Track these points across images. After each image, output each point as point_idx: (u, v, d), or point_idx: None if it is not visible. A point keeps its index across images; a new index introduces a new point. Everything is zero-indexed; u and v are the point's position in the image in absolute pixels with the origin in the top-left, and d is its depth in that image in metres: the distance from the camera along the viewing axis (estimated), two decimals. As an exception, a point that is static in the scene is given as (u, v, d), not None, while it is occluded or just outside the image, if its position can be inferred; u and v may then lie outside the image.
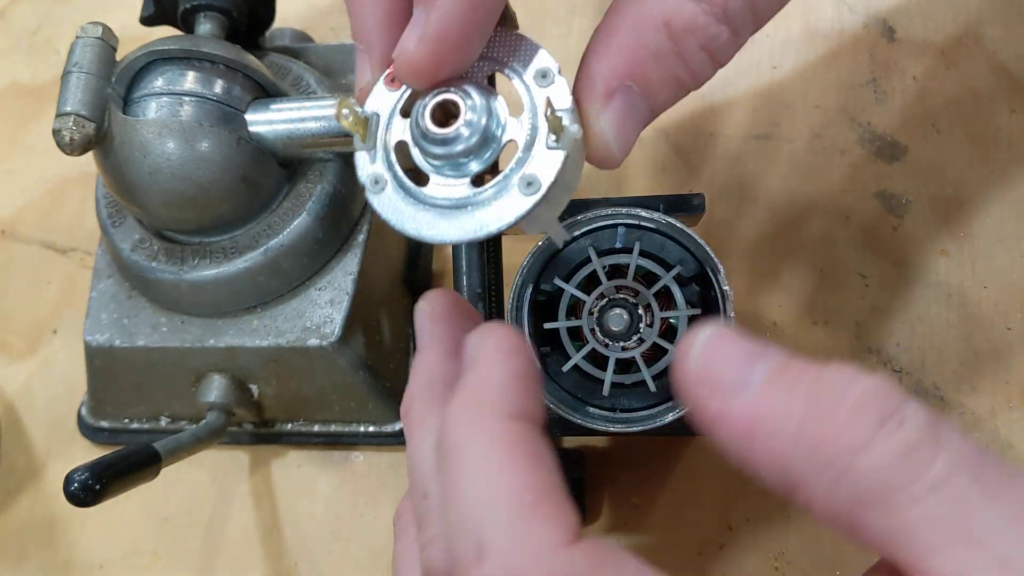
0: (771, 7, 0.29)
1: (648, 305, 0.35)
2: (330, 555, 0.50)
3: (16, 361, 0.58)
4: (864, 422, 0.24)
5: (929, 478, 0.24)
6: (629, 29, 0.28)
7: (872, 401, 0.25)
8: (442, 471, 0.26)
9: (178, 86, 0.45)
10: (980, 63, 0.51)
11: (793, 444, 0.25)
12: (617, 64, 0.28)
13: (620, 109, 0.28)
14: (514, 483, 0.25)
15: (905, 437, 0.24)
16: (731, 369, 0.26)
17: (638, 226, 0.36)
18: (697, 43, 0.28)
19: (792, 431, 0.25)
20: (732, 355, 0.27)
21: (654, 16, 0.28)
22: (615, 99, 0.28)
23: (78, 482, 0.37)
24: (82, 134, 0.42)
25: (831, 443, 0.24)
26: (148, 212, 0.47)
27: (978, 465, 0.24)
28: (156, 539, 0.52)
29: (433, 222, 0.28)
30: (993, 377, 0.46)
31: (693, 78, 0.29)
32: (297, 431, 0.52)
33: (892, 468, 0.24)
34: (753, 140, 0.53)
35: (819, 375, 0.26)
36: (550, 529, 0.24)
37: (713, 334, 0.27)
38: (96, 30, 0.44)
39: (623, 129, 0.29)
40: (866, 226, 0.50)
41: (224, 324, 0.48)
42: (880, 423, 0.24)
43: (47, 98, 0.65)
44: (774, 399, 0.25)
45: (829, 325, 0.48)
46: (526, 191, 0.27)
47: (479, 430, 0.26)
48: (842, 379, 0.25)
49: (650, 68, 0.28)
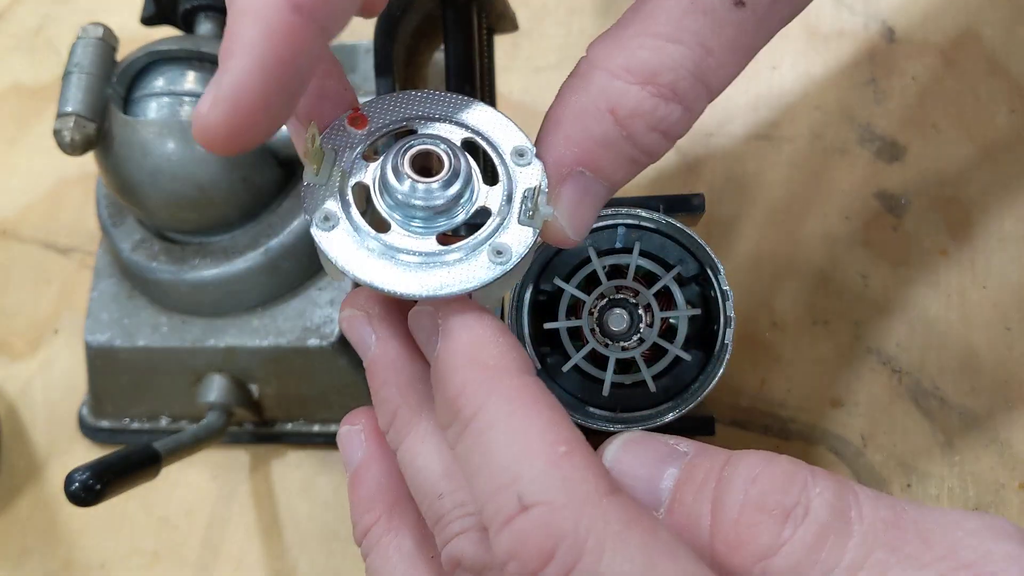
0: (727, 77, 0.28)
1: (648, 305, 0.35)
2: (330, 555, 0.50)
3: (17, 361, 0.58)
4: (768, 524, 0.25)
5: (845, 564, 0.24)
6: (574, 119, 0.28)
7: (773, 495, 0.25)
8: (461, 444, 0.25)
9: (178, 86, 0.45)
10: (980, 63, 0.51)
11: (709, 560, 0.25)
12: (565, 155, 0.28)
13: (573, 195, 0.28)
14: (546, 436, 0.24)
15: (812, 527, 0.24)
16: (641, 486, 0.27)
17: (638, 226, 0.36)
18: (646, 125, 0.27)
19: (704, 543, 0.25)
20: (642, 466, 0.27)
21: (598, 105, 0.27)
22: (567, 185, 0.28)
23: (79, 482, 0.37)
24: (82, 134, 0.42)
25: (742, 553, 0.25)
26: (148, 212, 0.47)
27: (894, 533, 0.24)
28: (156, 539, 0.52)
29: (390, 273, 0.27)
30: (993, 377, 0.46)
31: (648, 156, 0.28)
32: (297, 431, 0.52)
33: (805, 564, 0.24)
34: (753, 140, 0.53)
35: (721, 477, 0.26)
36: (589, 478, 0.24)
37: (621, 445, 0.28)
38: (96, 30, 0.44)
39: (576, 214, 0.28)
40: (866, 226, 0.50)
41: (224, 324, 0.48)
42: (784, 519, 0.24)
43: (48, 98, 0.65)
44: (683, 515, 0.26)
45: (829, 325, 0.48)
46: (495, 259, 0.27)
47: (494, 391, 0.25)
48: (743, 475, 0.26)
49: (599, 155, 0.28)
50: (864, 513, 0.24)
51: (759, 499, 0.25)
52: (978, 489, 0.44)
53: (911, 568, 0.23)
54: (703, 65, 0.27)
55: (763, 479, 0.25)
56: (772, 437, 0.47)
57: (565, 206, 0.28)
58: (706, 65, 0.27)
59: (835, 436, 0.47)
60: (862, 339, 0.48)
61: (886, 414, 0.46)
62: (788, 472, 0.25)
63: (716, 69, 0.27)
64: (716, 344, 0.35)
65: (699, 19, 0.27)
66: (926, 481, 0.45)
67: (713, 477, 0.26)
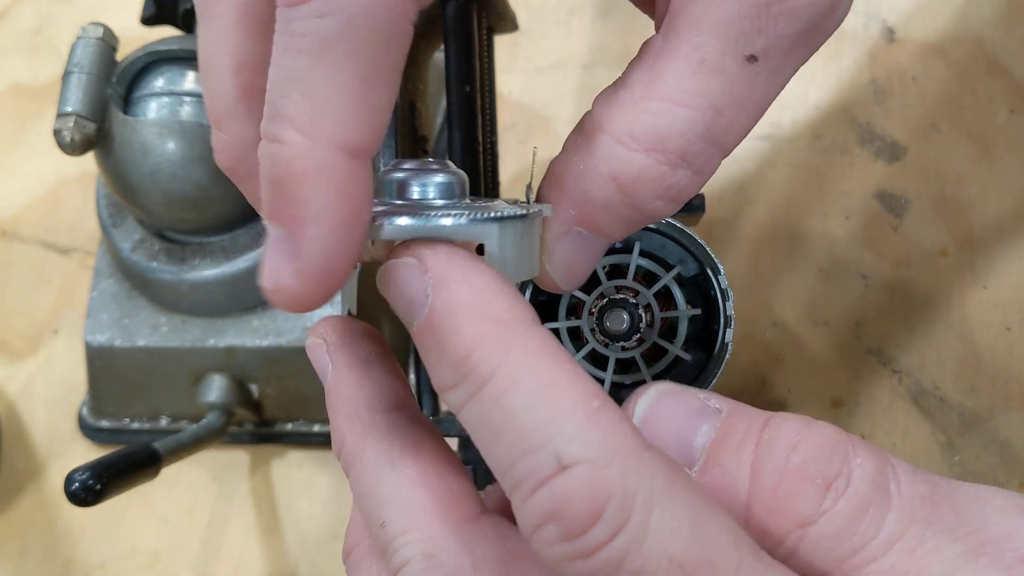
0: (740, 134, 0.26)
1: (648, 305, 0.35)
2: (330, 555, 0.50)
3: (17, 361, 0.58)
4: (809, 492, 0.24)
5: (883, 536, 0.24)
6: (576, 182, 0.27)
7: (815, 464, 0.25)
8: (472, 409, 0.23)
9: (178, 86, 0.45)
10: (980, 63, 0.51)
11: (744, 522, 0.25)
12: (564, 216, 0.27)
13: (567, 251, 0.27)
14: (577, 390, 0.23)
15: (852, 499, 0.24)
16: (673, 441, 0.26)
17: (638, 226, 0.36)
18: (652, 194, 0.26)
19: (740, 506, 0.25)
20: (674, 420, 0.26)
21: (600, 171, 0.26)
22: (563, 242, 0.27)
23: (79, 482, 0.37)
24: (82, 134, 0.42)
25: (780, 518, 0.24)
26: (148, 212, 0.47)
27: (930, 507, 0.24)
28: (156, 539, 0.52)
29: None
30: (993, 377, 0.46)
31: (651, 219, 0.27)
32: (297, 431, 0.52)
33: (844, 534, 0.24)
34: (753, 140, 0.53)
35: (760, 437, 0.25)
36: (627, 433, 0.22)
37: (653, 397, 0.27)
38: (96, 30, 0.44)
39: (571, 268, 0.28)
40: (866, 226, 0.50)
41: (224, 324, 0.48)
42: (825, 488, 0.24)
43: (48, 98, 0.65)
44: (718, 475, 0.25)
45: (829, 325, 0.48)
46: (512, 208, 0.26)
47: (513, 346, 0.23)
48: (784, 440, 0.25)
49: (599, 218, 0.27)
50: (903, 487, 0.24)
51: (801, 466, 0.25)
52: (978, 489, 0.44)
53: (944, 541, 0.23)
54: (714, 127, 0.26)
55: (804, 446, 0.25)
56: (772, 437, 0.47)
57: (560, 261, 0.28)
58: (717, 127, 0.26)
59: (835, 436, 0.47)
60: (862, 339, 0.48)
61: (886, 414, 0.46)
62: (830, 440, 0.25)
63: (727, 128, 0.26)
64: (716, 344, 0.35)
65: (709, 79, 0.25)
66: (926, 481, 0.45)
67: (752, 439, 0.25)
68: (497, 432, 0.23)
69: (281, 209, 0.23)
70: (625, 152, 0.26)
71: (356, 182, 0.23)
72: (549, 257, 0.27)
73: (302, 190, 0.23)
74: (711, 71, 0.25)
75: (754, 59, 0.26)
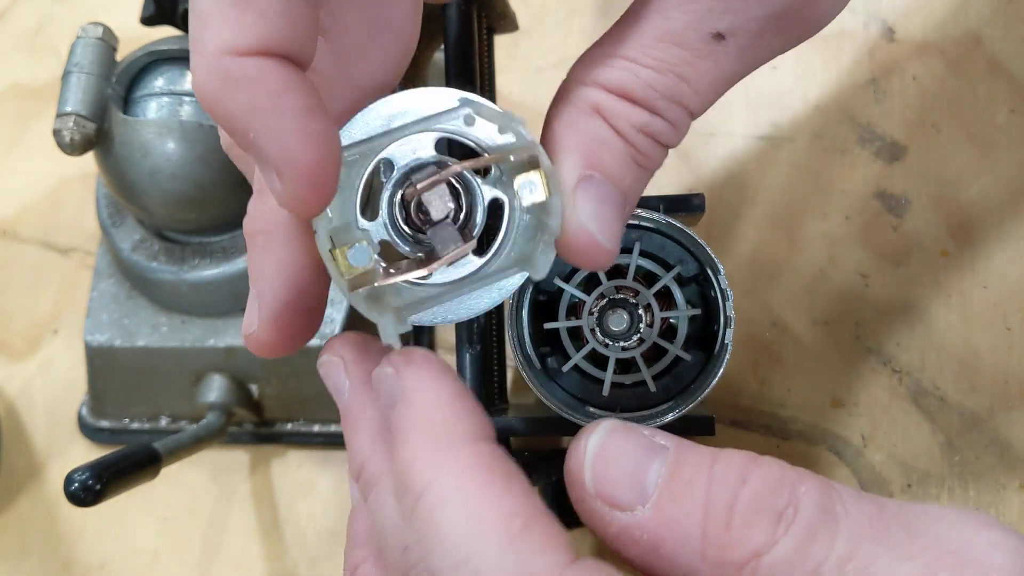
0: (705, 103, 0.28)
1: (648, 305, 0.35)
2: (330, 555, 0.50)
3: (16, 361, 0.58)
4: (762, 523, 0.25)
5: (835, 555, 0.24)
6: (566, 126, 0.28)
7: (766, 496, 0.25)
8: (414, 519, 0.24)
9: (178, 86, 0.45)
10: (980, 63, 0.51)
11: (700, 557, 0.25)
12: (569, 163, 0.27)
13: (590, 201, 0.27)
14: (500, 509, 0.24)
15: (803, 523, 0.25)
16: (626, 477, 0.26)
17: (638, 226, 0.36)
18: (631, 126, 0.27)
19: (695, 543, 0.25)
20: (623, 463, 0.27)
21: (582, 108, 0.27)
22: (580, 192, 0.27)
23: (78, 482, 0.37)
24: (82, 134, 0.42)
25: (735, 550, 0.25)
26: (148, 212, 0.47)
27: (879, 527, 0.25)
28: (156, 539, 0.52)
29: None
30: (993, 377, 0.46)
31: (645, 157, 0.28)
32: (297, 431, 0.52)
33: (797, 559, 0.24)
34: (753, 140, 0.53)
35: (711, 474, 0.26)
36: (547, 552, 0.23)
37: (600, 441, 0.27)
38: (96, 30, 0.44)
39: (601, 214, 0.27)
40: (866, 226, 0.50)
41: (224, 324, 0.48)
42: (778, 517, 0.25)
43: (47, 98, 0.65)
44: (673, 509, 0.26)
45: (829, 325, 0.48)
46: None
47: (444, 461, 0.24)
48: (733, 476, 0.26)
49: (600, 153, 0.27)
50: (849, 509, 0.25)
51: (751, 499, 0.25)
52: (978, 489, 0.44)
53: (897, 558, 0.24)
54: (677, 90, 0.27)
55: (753, 481, 0.26)
56: (772, 437, 0.47)
57: (587, 206, 0.27)
58: (680, 91, 0.27)
59: (835, 436, 0.47)
60: (862, 339, 0.48)
61: (886, 414, 0.46)
62: (777, 473, 0.26)
63: (692, 95, 0.28)
64: (716, 344, 0.35)
65: (671, 50, 0.27)
66: (926, 481, 0.45)
67: (702, 475, 0.26)
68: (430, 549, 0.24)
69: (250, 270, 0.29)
70: (598, 92, 0.27)
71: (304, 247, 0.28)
72: (575, 211, 0.27)
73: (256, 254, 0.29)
74: (674, 42, 0.27)
75: (720, 37, 0.27)
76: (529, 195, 0.27)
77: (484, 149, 0.27)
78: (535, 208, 0.27)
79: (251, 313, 0.29)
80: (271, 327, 0.28)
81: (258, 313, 0.28)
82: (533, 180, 0.27)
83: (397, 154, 0.27)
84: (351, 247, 0.27)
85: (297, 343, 0.29)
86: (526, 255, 0.27)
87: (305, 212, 0.25)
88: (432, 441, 0.25)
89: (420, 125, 0.27)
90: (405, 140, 0.27)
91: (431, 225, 0.27)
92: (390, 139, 0.27)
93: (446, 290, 0.28)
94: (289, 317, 0.28)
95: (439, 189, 0.27)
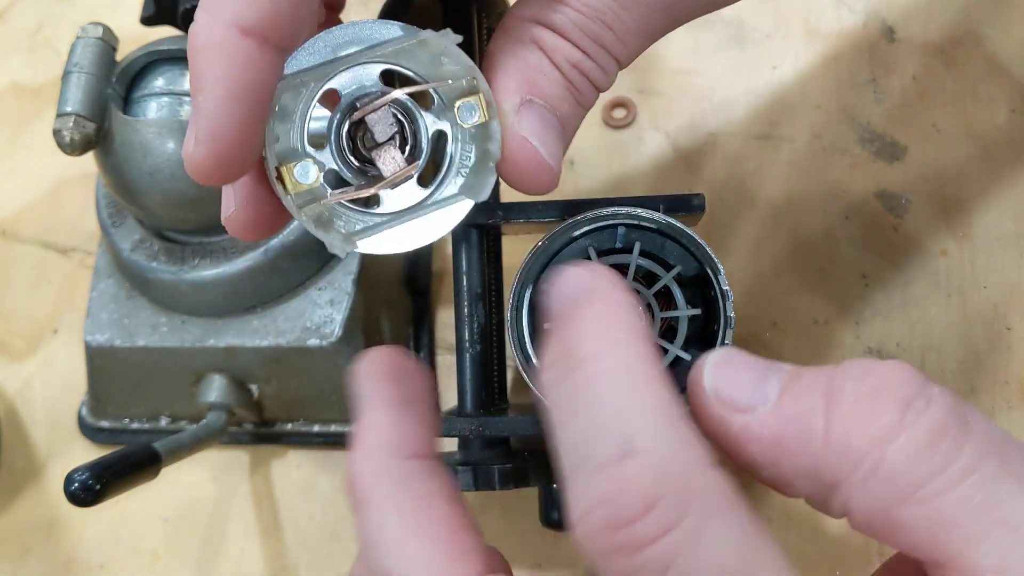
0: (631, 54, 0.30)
1: (648, 305, 0.35)
2: (330, 555, 0.50)
3: (16, 361, 0.58)
4: (890, 408, 0.24)
5: (960, 464, 0.23)
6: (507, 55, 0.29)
7: (894, 384, 0.24)
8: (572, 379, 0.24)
9: (178, 86, 0.45)
10: (980, 63, 0.51)
11: (823, 445, 0.24)
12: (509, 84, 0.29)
13: (533, 116, 0.29)
14: (666, 398, 0.23)
15: (932, 420, 0.23)
16: (747, 384, 0.26)
17: (638, 226, 0.36)
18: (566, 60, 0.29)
19: (819, 431, 0.24)
20: (744, 372, 0.26)
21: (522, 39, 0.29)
22: (522, 114, 0.29)
23: (78, 482, 0.37)
24: (82, 134, 0.42)
25: (859, 436, 0.24)
26: (148, 212, 0.47)
27: (1005, 450, 0.23)
28: (156, 539, 0.52)
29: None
30: (993, 377, 0.46)
31: (579, 92, 0.30)
32: (297, 431, 0.52)
33: (922, 456, 0.23)
34: (753, 140, 0.53)
35: (832, 374, 0.25)
36: (701, 446, 0.23)
37: (723, 355, 0.27)
38: (96, 30, 0.44)
39: (542, 132, 0.29)
40: (866, 226, 0.50)
41: (224, 324, 0.48)
42: (906, 405, 0.24)
43: (47, 98, 0.65)
44: (795, 404, 0.25)
45: (829, 325, 0.48)
46: None
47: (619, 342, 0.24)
48: (857, 371, 0.25)
49: (539, 80, 0.29)
50: (980, 423, 0.24)
51: (878, 387, 0.24)
52: (978, 489, 0.44)
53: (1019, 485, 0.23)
54: (604, 37, 0.29)
55: (880, 372, 0.25)
56: (772, 437, 0.47)
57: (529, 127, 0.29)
58: (606, 38, 0.29)
59: (835, 436, 0.47)
60: (862, 339, 0.48)
61: (886, 414, 0.46)
62: (907, 369, 0.25)
63: (617, 43, 0.29)
64: (716, 344, 0.35)
65: None
66: (926, 481, 0.45)
67: (823, 378, 0.25)
68: (578, 410, 0.23)
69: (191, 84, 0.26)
70: (535, 27, 0.29)
71: (248, 59, 0.26)
72: (517, 127, 0.29)
73: (198, 63, 0.26)
74: None
75: None
76: (470, 118, 0.28)
77: (425, 79, 0.29)
78: (476, 132, 0.28)
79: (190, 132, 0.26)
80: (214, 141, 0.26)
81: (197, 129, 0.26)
82: (473, 104, 0.28)
83: (343, 84, 0.29)
84: (297, 164, 0.28)
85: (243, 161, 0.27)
86: (469, 185, 0.29)
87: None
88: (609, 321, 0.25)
89: (365, 55, 0.28)
90: (351, 71, 0.28)
91: (376, 148, 0.28)
92: (336, 67, 0.28)
93: (393, 219, 0.29)
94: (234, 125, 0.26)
95: (383, 113, 0.28)
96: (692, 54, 0.55)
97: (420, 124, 0.29)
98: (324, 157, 0.29)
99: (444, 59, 0.28)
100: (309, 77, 0.28)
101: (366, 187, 0.28)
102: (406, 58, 0.28)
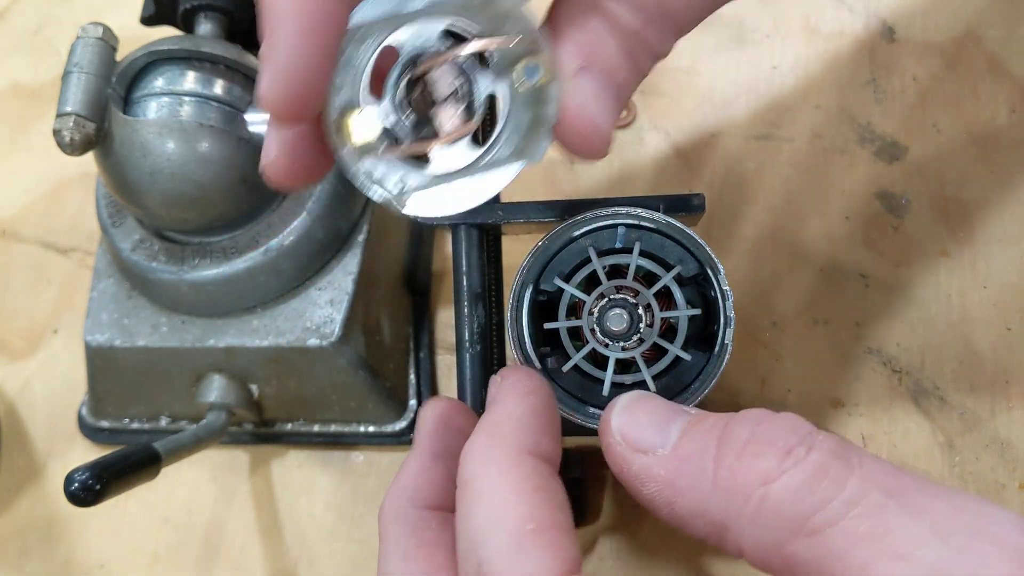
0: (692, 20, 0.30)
1: (648, 305, 0.35)
2: (330, 555, 0.50)
3: (16, 361, 0.58)
4: (773, 453, 0.26)
5: (843, 497, 0.24)
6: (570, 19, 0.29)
7: (780, 433, 0.26)
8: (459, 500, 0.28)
9: (178, 86, 0.45)
10: (980, 63, 0.51)
11: (711, 485, 0.26)
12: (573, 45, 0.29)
13: (591, 81, 0.29)
14: (519, 512, 0.26)
15: (814, 462, 0.25)
16: (651, 426, 0.29)
17: (638, 226, 0.36)
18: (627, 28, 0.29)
19: (707, 473, 0.26)
20: (650, 415, 0.29)
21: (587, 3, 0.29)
22: (579, 79, 0.29)
23: (78, 482, 0.37)
24: (82, 134, 0.42)
25: (744, 476, 0.26)
26: (148, 212, 0.47)
27: (892, 481, 0.25)
28: (156, 539, 0.52)
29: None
30: (993, 377, 0.46)
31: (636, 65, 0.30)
32: (297, 431, 0.52)
33: (805, 491, 0.25)
34: (753, 140, 0.53)
35: (729, 421, 0.28)
36: (548, 558, 0.25)
37: (633, 398, 0.30)
38: (96, 30, 0.44)
39: (599, 98, 0.29)
40: (866, 226, 0.50)
41: (224, 324, 0.48)
42: (787, 452, 0.26)
43: (47, 98, 0.65)
44: (690, 447, 0.27)
45: (829, 325, 0.48)
46: None
47: (491, 461, 0.28)
48: (750, 420, 0.27)
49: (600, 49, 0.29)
50: (864, 463, 0.25)
51: (765, 435, 0.26)
52: (978, 489, 0.44)
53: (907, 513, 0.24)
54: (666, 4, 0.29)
55: (769, 422, 0.27)
56: (772, 437, 0.47)
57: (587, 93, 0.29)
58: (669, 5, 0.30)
59: (835, 436, 0.47)
60: (862, 339, 0.48)
61: (886, 414, 0.46)
62: (793, 420, 0.27)
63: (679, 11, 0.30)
64: (716, 344, 0.35)
65: None
66: (926, 481, 0.45)
67: (720, 423, 0.28)
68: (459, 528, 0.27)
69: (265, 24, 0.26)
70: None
71: None
72: (576, 93, 0.29)
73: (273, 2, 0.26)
74: None
75: None
76: (529, 80, 0.28)
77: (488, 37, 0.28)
78: (533, 94, 0.28)
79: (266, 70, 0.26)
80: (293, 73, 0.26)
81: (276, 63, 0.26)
82: (533, 66, 0.28)
83: (402, 41, 0.28)
84: (357, 115, 0.28)
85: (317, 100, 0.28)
86: (522, 147, 0.29)
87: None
88: (489, 442, 0.28)
89: (428, 11, 0.28)
90: (412, 26, 0.28)
91: (435, 105, 0.28)
92: (400, 21, 0.28)
93: (444, 178, 0.29)
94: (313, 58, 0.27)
95: (445, 69, 0.28)
96: (692, 54, 0.55)
97: (478, 85, 0.29)
98: (381, 109, 0.29)
99: (508, 20, 0.28)
100: (373, 29, 0.28)
101: (422, 142, 0.28)
102: (470, 15, 0.28)
